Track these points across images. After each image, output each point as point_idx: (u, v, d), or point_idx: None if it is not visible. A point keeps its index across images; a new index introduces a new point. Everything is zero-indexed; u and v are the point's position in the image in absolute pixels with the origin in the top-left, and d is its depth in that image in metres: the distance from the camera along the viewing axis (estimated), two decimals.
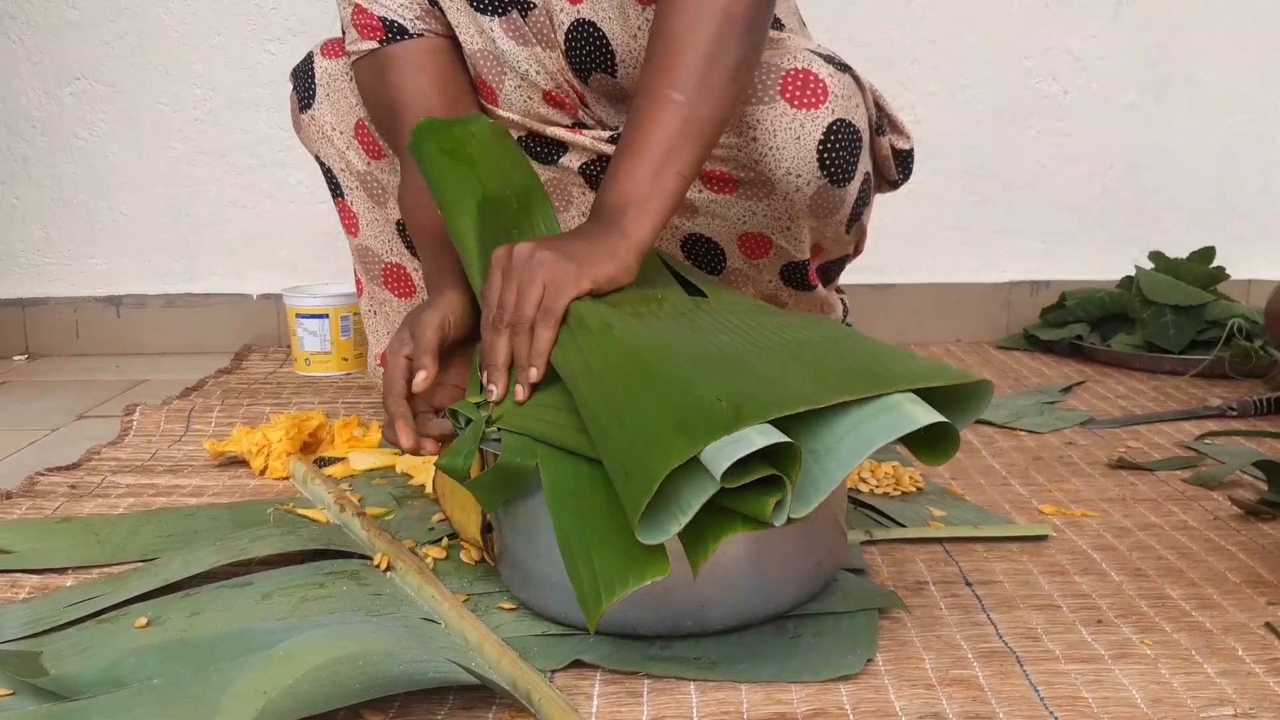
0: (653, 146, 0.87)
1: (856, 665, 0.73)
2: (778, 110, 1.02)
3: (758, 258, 1.14)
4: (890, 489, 1.08)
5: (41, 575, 0.92)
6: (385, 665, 0.66)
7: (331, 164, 1.23)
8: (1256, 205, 1.94)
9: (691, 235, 1.14)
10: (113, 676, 0.69)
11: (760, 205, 1.08)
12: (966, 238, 1.94)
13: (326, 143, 1.21)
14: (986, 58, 1.88)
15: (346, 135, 1.20)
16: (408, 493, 1.09)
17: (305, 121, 1.21)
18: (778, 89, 1.02)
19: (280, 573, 0.86)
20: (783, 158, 1.03)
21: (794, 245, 1.12)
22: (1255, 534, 0.97)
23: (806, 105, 1.02)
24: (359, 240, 1.25)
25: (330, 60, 1.19)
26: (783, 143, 1.02)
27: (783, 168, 1.03)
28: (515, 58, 1.09)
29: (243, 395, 1.55)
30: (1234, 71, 1.90)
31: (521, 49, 1.08)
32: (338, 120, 1.20)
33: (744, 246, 1.13)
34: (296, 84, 1.22)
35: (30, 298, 1.94)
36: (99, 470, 1.20)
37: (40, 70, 1.87)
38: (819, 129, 1.02)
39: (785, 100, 1.02)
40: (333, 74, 1.19)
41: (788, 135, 1.02)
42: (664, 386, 0.70)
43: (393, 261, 1.24)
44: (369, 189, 1.21)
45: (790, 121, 1.02)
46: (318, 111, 1.20)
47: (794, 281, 1.16)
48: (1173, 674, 0.72)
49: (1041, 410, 1.40)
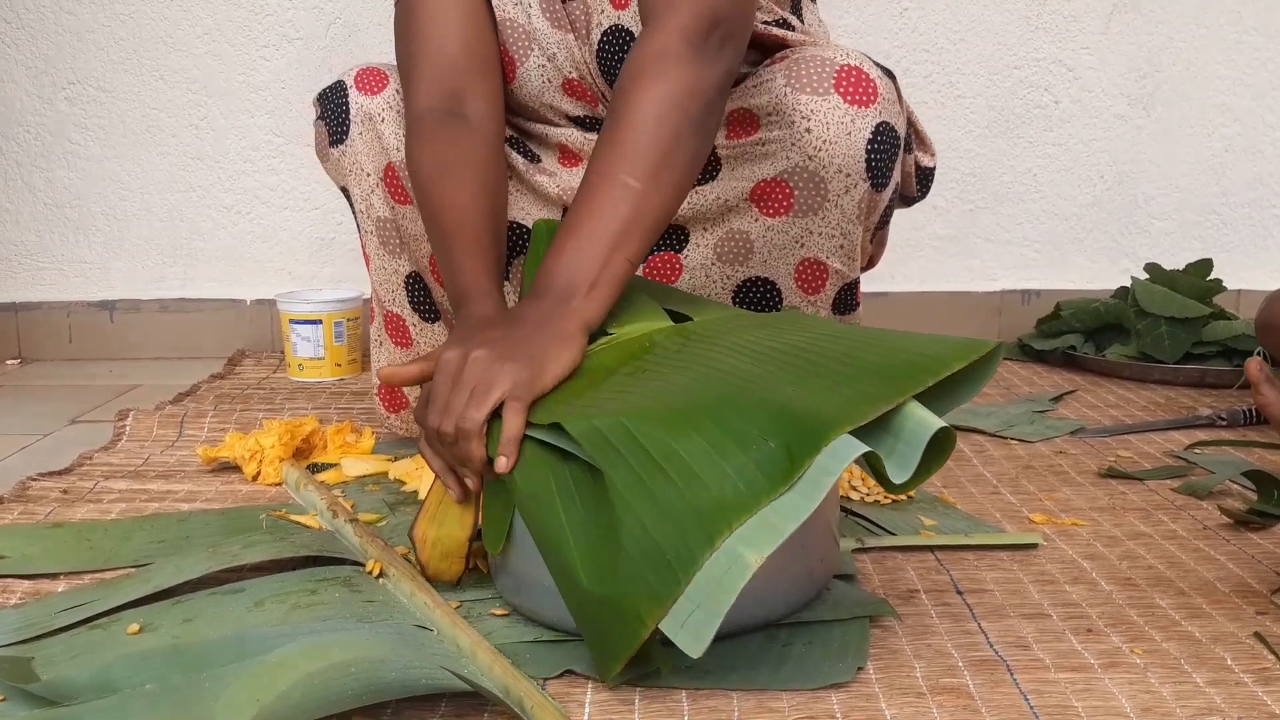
0: (605, 230, 0.86)
1: (847, 674, 0.73)
2: (831, 103, 1.01)
3: (814, 292, 1.12)
4: (881, 497, 1.08)
5: (33, 581, 0.91)
6: (378, 672, 0.66)
7: (356, 203, 1.21)
8: (1245, 217, 1.96)
9: (747, 280, 1.12)
10: (105, 682, 0.69)
11: (815, 221, 1.07)
12: (958, 247, 1.95)
13: (356, 180, 1.18)
14: (978, 68, 1.89)
15: (375, 177, 1.17)
16: (400, 499, 1.09)
17: (335, 155, 1.18)
18: (832, 82, 1.02)
19: (272, 579, 0.86)
20: (836, 153, 1.02)
21: (848, 263, 1.11)
22: (1244, 543, 0.98)
23: (858, 103, 1.02)
24: (370, 277, 1.25)
25: (367, 98, 1.15)
26: (835, 137, 1.02)
27: (834, 164, 1.03)
28: (546, 38, 1.08)
29: (236, 401, 1.55)
30: (1224, 84, 1.91)
31: (554, 31, 1.08)
32: (369, 160, 1.16)
33: (801, 280, 1.11)
34: (325, 113, 1.18)
35: (23, 302, 1.94)
36: (91, 475, 1.20)
37: (35, 75, 1.87)
38: (868, 128, 1.02)
39: (839, 94, 1.02)
40: (369, 113, 1.15)
41: (840, 130, 1.02)
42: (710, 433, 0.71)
43: (394, 311, 1.23)
44: (383, 236, 1.19)
45: (843, 116, 1.02)
46: (350, 148, 1.17)
47: (843, 307, 1.14)
48: (1162, 683, 0.73)
49: (1032, 419, 1.41)
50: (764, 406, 0.72)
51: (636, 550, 0.68)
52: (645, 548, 0.68)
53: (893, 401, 0.71)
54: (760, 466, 0.68)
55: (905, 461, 0.71)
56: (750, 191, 1.07)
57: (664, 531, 0.68)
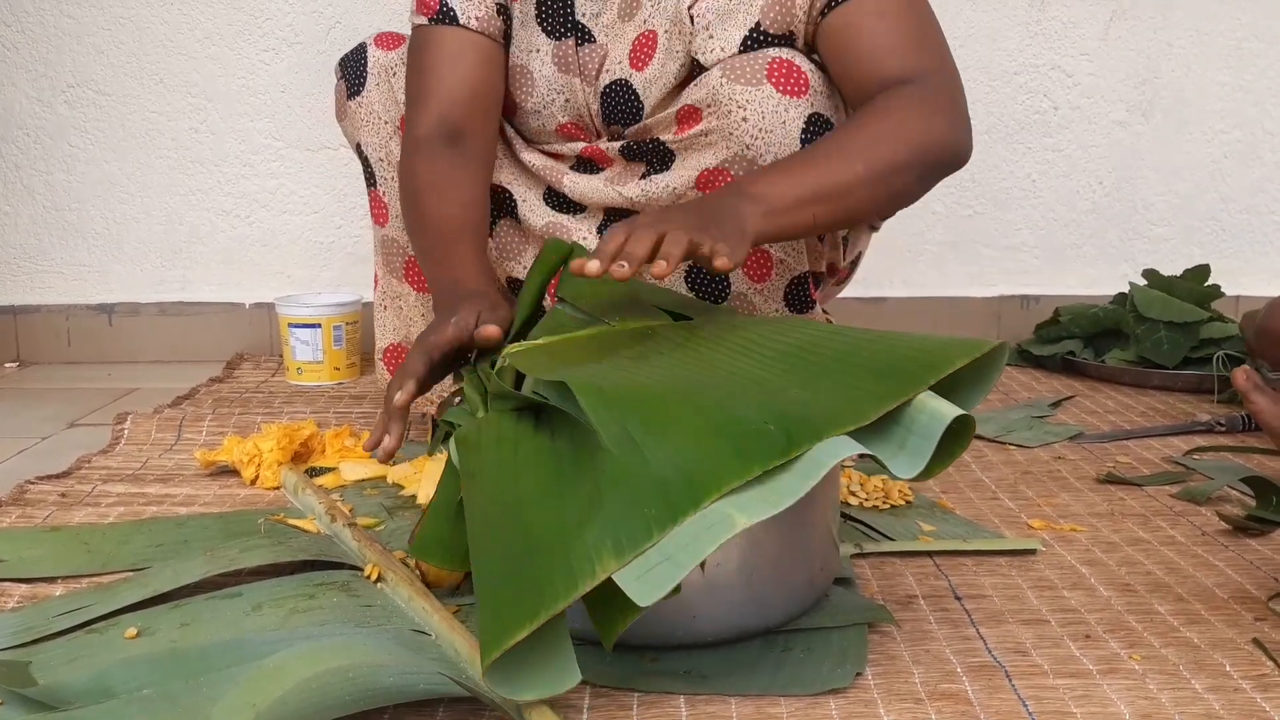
0: (815, 183, 0.93)
1: (846, 679, 0.73)
2: (765, 93, 1.04)
3: (761, 280, 1.15)
4: (879, 502, 1.08)
5: (31, 584, 0.91)
6: (375, 677, 0.66)
7: (370, 153, 1.25)
8: (1244, 223, 1.96)
9: (695, 266, 1.15)
10: (102, 687, 0.69)
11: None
12: (957, 252, 1.95)
13: (371, 130, 1.24)
14: (978, 74, 1.89)
15: (392, 124, 1.23)
16: (399, 503, 1.09)
17: (353, 108, 1.24)
18: (764, 73, 1.05)
19: (270, 584, 0.85)
20: (772, 141, 1.05)
21: (793, 254, 1.13)
22: (1243, 549, 0.98)
23: (791, 93, 1.05)
24: (385, 230, 1.27)
25: (384, 51, 1.23)
26: (770, 125, 1.05)
27: (771, 153, 1.06)
28: (550, 84, 1.15)
29: (234, 404, 1.55)
30: (1223, 90, 1.91)
31: (561, 76, 1.14)
32: (385, 110, 1.22)
33: (748, 268, 1.14)
34: (345, 72, 1.25)
35: (22, 305, 1.94)
36: (89, 479, 1.20)
37: (35, 78, 1.88)
38: (801, 117, 1.05)
39: (771, 83, 1.04)
40: (385, 65, 1.22)
41: (774, 119, 1.05)
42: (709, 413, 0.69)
43: (415, 257, 1.25)
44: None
45: (776, 105, 1.04)
46: (367, 98, 1.23)
47: (799, 304, 1.17)
48: (1161, 689, 0.73)
49: (1031, 424, 1.41)
50: (765, 396, 0.72)
51: (615, 508, 0.65)
52: (624, 505, 0.65)
53: (896, 399, 0.71)
54: (758, 441, 0.67)
55: (918, 453, 0.69)
56: (695, 180, 1.10)
57: (648, 492, 0.65)
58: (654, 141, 1.12)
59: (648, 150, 1.13)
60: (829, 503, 0.83)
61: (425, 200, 1.10)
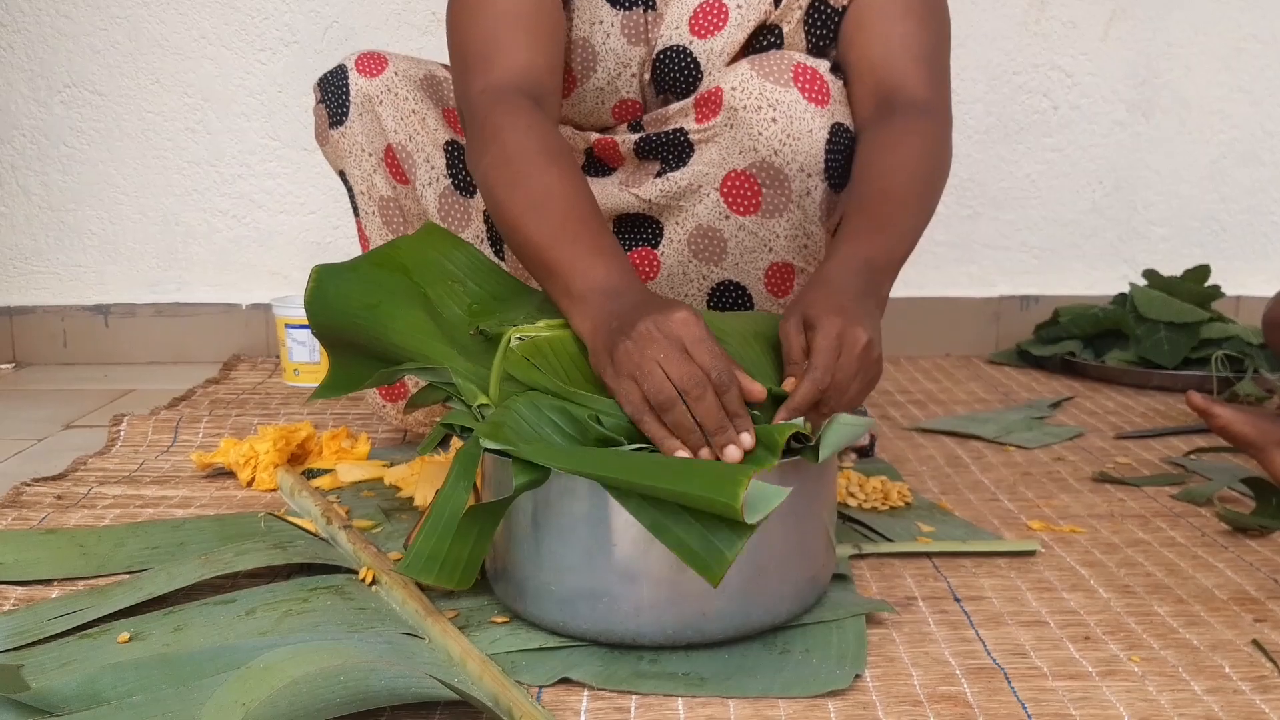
0: (906, 234, 0.95)
1: (845, 681, 0.73)
2: (792, 96, 1.03)
3: (783, 294, 1.13)
4: (879, 504, 1.08)
5: (26, 587, 0.91)
6: (367, 680, 0.65)
7: (354, 184, 1.22)
8: (1244, 223, 1.95)
9: (720, 284, 1.14)
10: (92, 692, 0.68)
11: (781, 223, 1.08)
12: (957, 253, 1.95)
13: (355, 162, 1.20)
14: (977, 74, 1.88)
15: (376, 156, 1.19)
16: (396, 505, 1.09)
17: (335, 137, 1.20)
18: (791, 75, 1.04)
19: (264, 589, 0.85)
20: (799, 150, 1.04)
21: (812, 264, 1.12)
22: (1242, 551, 0.97)
23: (816, 100, 1.04)
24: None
25: (366, 79, 1.17)
26: (799, 133, 1.04)
27: (797, 162, 1.05)
28: (617, 58, 1.09)
29: (231, 406, 1.54)
30: (1222, 90, 1.91)
31: (630, 48, 1.09)
32: (368, 142, 1.18)
33: (770, 283, 1.13)
34: (325, 97, 1.20)
35: (18, 306, 1.93)
36: (85, 481, 1.20)
37: (30, 78, 1.87)
38: (825, 127, 1.04)
39: (798, 88, 1.03)
40: (369, 95, 1.17)
41: (802, 126, 1.04)
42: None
43: None
44: (386, 216, 1.21)
45: (803, 112, 1.03)
46: (349, 129, 1.19)
47: None
48: (1160, 691, 0.72)
49: (1030, 425, 1.40)
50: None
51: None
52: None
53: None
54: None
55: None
56: (720, 183, 1.08)
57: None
58: (672, 133, 1.09)
59: (663, 143, 1.10)
60: (827, 502, 0.83)
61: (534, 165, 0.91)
